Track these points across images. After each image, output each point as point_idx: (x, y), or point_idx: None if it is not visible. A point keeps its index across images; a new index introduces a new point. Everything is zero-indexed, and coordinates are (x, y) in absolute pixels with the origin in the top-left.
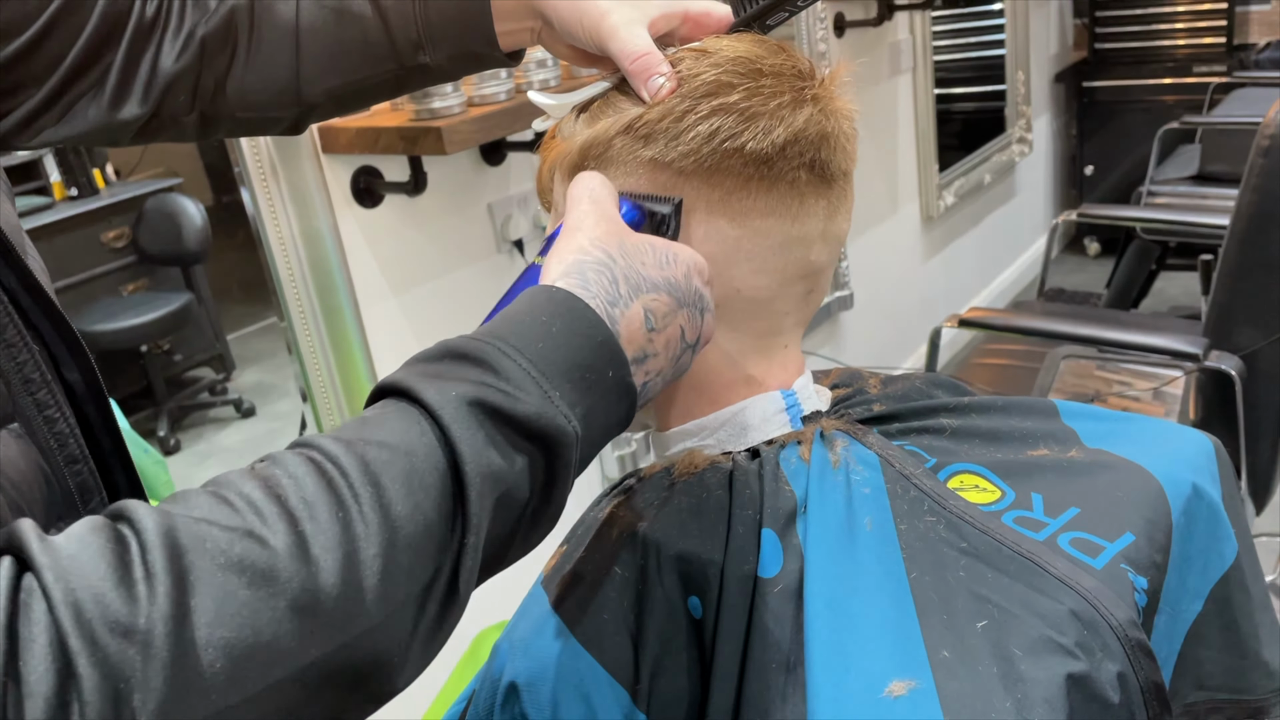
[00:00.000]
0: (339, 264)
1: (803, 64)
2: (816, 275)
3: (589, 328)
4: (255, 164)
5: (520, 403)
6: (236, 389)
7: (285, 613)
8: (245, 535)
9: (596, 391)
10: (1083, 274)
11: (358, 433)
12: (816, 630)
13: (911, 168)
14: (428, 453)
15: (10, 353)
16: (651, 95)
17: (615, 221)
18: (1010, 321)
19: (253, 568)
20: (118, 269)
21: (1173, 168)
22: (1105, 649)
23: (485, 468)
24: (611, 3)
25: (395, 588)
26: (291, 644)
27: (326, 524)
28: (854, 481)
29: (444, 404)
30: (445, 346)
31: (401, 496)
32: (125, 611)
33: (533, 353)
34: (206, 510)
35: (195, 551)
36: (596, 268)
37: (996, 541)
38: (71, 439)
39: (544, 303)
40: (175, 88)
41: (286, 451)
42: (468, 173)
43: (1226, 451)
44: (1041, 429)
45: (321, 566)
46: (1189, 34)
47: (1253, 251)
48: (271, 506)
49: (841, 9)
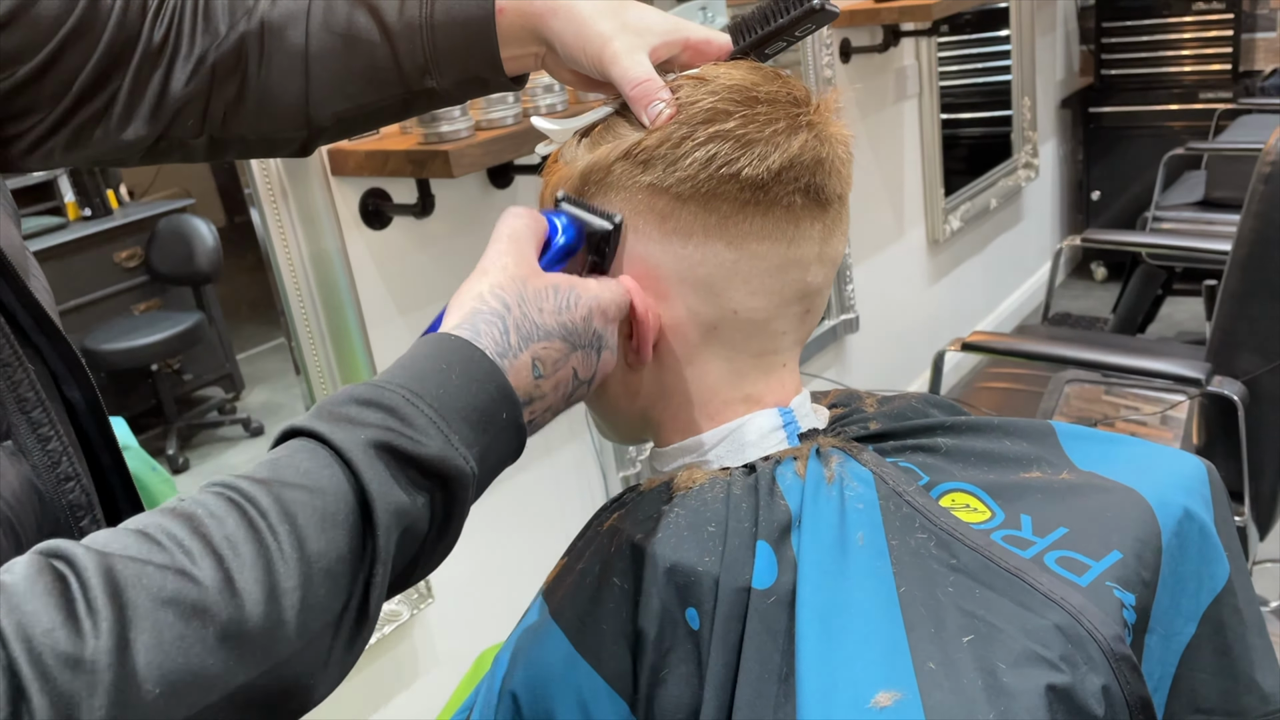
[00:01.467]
0: (347, 285)
1: (798, 91)
2: (813, 296)
3: (484, 375)
4: (265, 186)
5: (423, 446)
6: (245, 408)
7: (215, 644)
8: (177, 573)
9: (490, 432)
10: (1089, 299)
11: (272, 473)
12: (807, 641)
13: (917, 192)
14: (338, 492)
15: (5, 371)
16: (651, 120)
17: (524, 265)
18: (1013, 345)
19: (185, 603)
20: (130, 288)
21: (1178, 193)
22: (1090, 662)
23: (392, 505)
24: (614, 30)
25: (312, 617)
26: (221, 671)
27: (249, 561)
28: (848, 497)
29: (353, 446)
30: (351, 393)
31: (316, 534)
32: (72, 645)
33: (433, 398)
34: (138, 549)
35: (133, 588)
36: (489, 318)
37: (985, 558)
38: (64, 457)
39: (442, 351)
40: (185, 111)
41: (205, 493)
42: (475, 196)
43: (1230, 476)
44: (1035, 451)
45: (247, 600)
46: (1196, 60)
47: (1255, 277)
48: (198, 545)
49: (847, 35)
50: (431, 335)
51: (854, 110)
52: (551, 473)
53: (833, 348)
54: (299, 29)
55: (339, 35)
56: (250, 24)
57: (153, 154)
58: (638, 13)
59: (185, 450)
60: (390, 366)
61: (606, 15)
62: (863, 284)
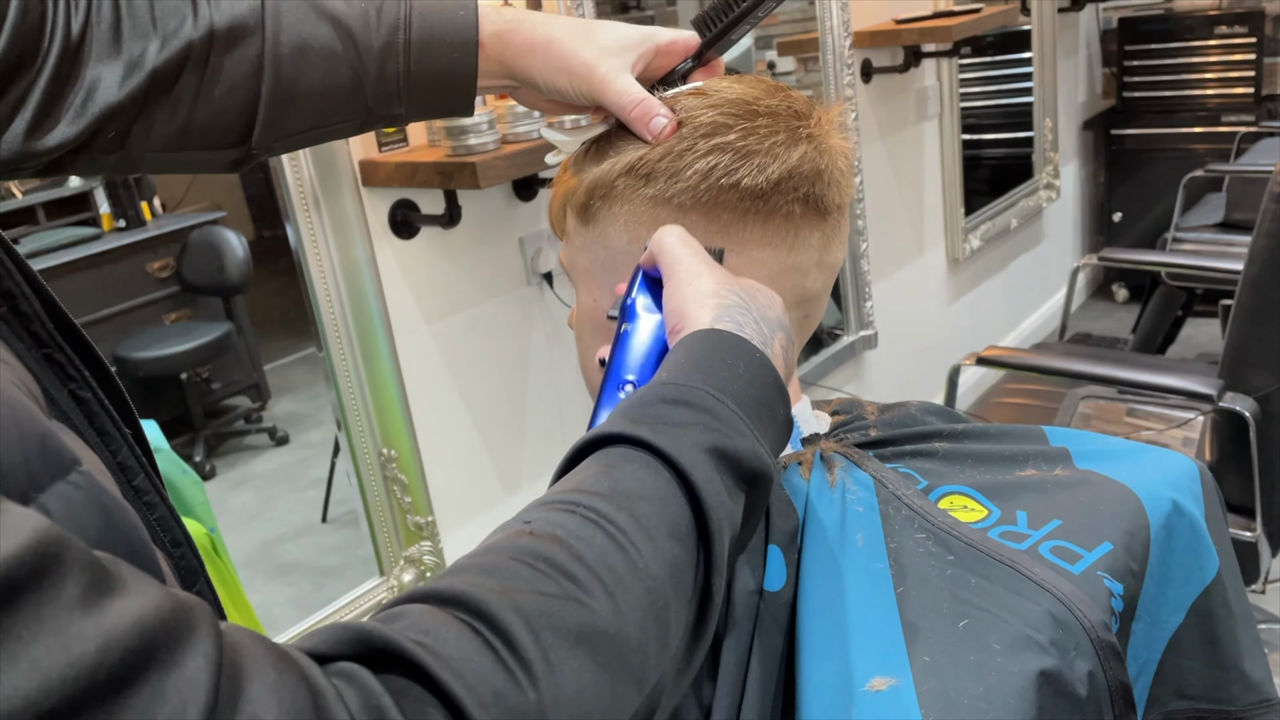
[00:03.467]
0: (375, 293)
1: (800, 104)
2: (812, 302)
3: (763, 368)
4: (299, 196)
5: (739, 445)
6: (271, 417)
7: (619, 673)
8: (576, 604)
9: (773, 428)
10: (1110, 319)
11: (612, 487)
12: (807, 634)
13: (938, 211)
14: (676, 501)
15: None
16: (654, 136)
17: (720, 266)
18: (1027, 360)
19: (591, 638)
20: (161, 298)
21: (1199, 215)
22: (1078, 648)
23: (723, 511)
24: (595, 56)
25: (675, 635)
26: (623, 700)
27: (628, 582)
28: (849, 501)
29: (681, 452)
30: (657, 394)
31: (669, 548)
32: (521, 703)
33: (732, 395)
34: (530, 581)
35: (548, 631)
36: (740, 310)
37: (981, 552)
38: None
39: (722, 347)
40: (112, 121)
41: (550, 511)
42: (501, 207)
43: (1242, 492)
44: (1031, 450)
45: (631, 624)
46: (1218, 84)
47: (1267, 296)
48: (582, 570)
49: (869, 56)
50: (702, 331)
51: (875, 130)
52: None
53: (851, 364)
54: (255, 40)
55: (303, 50)
56: (195, 30)
57: (58, 165)
58: (609, 32)
59: (212, 457)
60: (669, 365)
61: (584, 42)
62: (882, 301)
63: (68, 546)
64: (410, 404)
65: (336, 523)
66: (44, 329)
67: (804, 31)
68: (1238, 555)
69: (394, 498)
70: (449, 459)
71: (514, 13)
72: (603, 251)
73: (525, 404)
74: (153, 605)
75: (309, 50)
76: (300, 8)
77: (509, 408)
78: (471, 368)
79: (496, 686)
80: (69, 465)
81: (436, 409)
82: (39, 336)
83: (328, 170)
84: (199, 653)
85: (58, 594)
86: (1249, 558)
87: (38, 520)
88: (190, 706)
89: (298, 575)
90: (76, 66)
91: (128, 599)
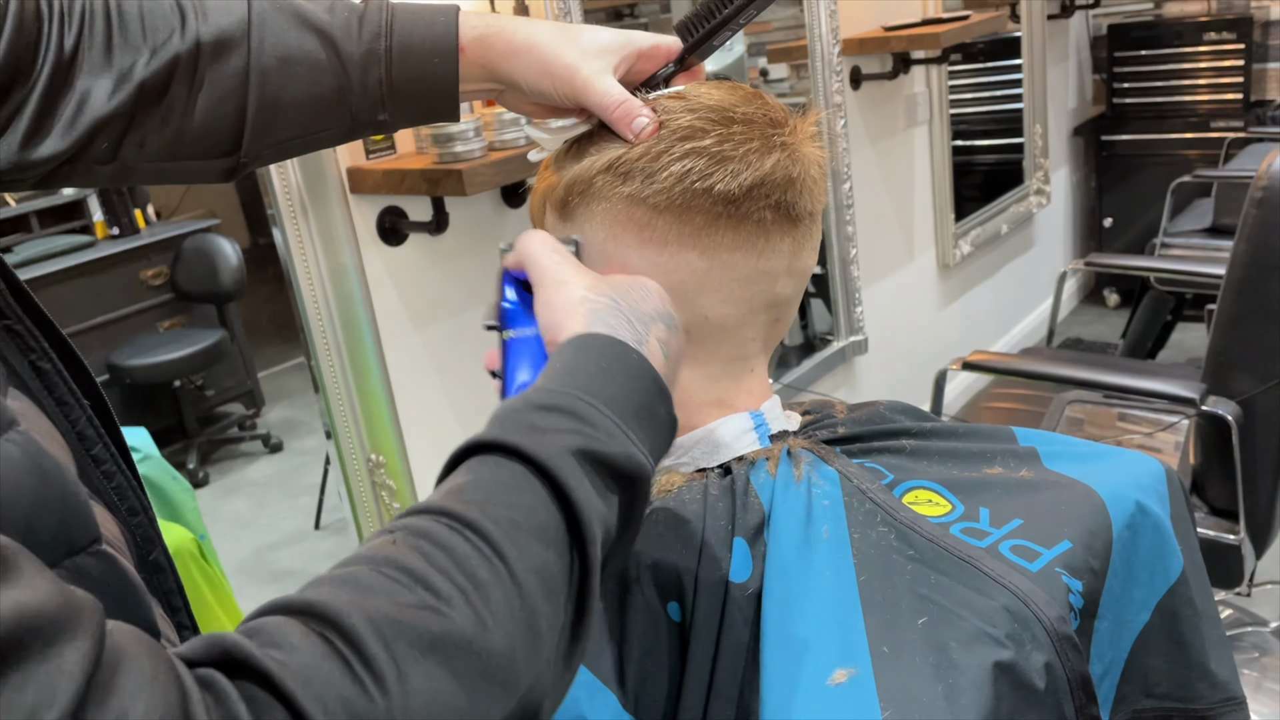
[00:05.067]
0: (363, 299)
1: (776, 112)
2: (782, 306)
3: (639, 369)
4: (286, 203)
5: (610, 447)
6: (265, 424)
7: (477, 685)
8: (432, 612)
9: (653, 428)
10: (1101, 324)
11: (481, 494)
12: (771, 625)
13: (928, 216)
14: (546, 506)
15: (64, 410)
16: (636, 135)
17: (585, 268)
18: (1012, 365)
19: (445, 646)
20: (155, 306)
21: (1188, 220)
22: (1034, 641)
23: (596, 513)
24: (577, 58)
25: (547, 641)
26: (484, 707)
27: (490, 591)
28: (814, 495)
29: (551, 456)
30: (528, 400)
31: (538, 553)
32: (368, 709)
33: (605, 399)
34: (386, 590)
35: (400, 640)
36: (611, 311)
37: (940, 547)
38: (131, 492)
39: (595, 351)
40: (103, 131)
41: (421, 520)
42: (489, 213)
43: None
44: (998, 449)
45: (495, 633)
46: (1208, 90)
47: (1248, 300)
48: (440, 580)
49: (858, 63)
50: (575, 338)
51: (864, 136)
52: None
53: (841, 369)
54: (240, 51)
55: (288, 61)
56: (183, 43)
57: (55, 176)
58: (590, 35)
59: (205, 465)
60: (546, 373)
61: (566, 44)
62: (872, 306)
63: None
64: (398, 410)
65: (329, 529)
66: (3, 301)
67: (795, 38)
68: (1221, 558)
69: (382, 504)
70: (437, 465)
71: (496, 17)
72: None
73: None
74: (39, 598)
75: (292, 60)
76: (284, 19)
77: None
78: (460, 373)
79: (343, 693)
80: (6, 425)
81: (425, 415)
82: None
83: (315, 178)
84: (76, 647)
85: None
86: (1232, 560)
87: None
88: (60, 693)
89: (290, 582)
90: (69, 80)
91: (16, 589)
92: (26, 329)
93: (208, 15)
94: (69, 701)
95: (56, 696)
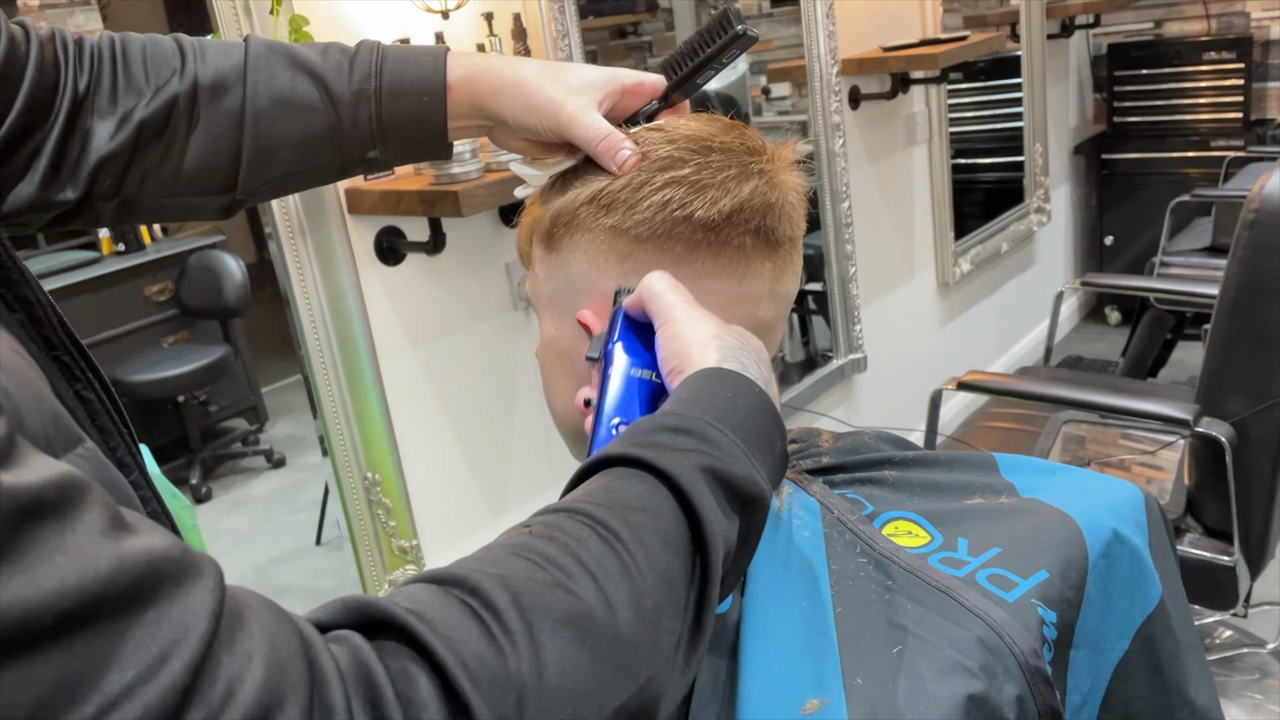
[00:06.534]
0: (360, 318)
1: (753, 142)
2: (765, 330)
3: (762, 403)
4: (284, 223)
5: (735, 469)
6: (268, 440)
7: (603, 662)
8: (565, 591)
9: (771, 457)
10: (1103, 342)
11: (611, 498)
12: (749, 654)
13: (927, 235)
14: (674, 515)
15: (105, 438)
16: (619, 167)
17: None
18: (1006, 385)
19: (577, 621)
20: (160, 321)
21: (1187, 239)
22: (1007, 673)
23: (719, 526)
24: (563, 94)
25: (668, 635)
26: (610, 688)
27: (617, 579)
28: (795, 525)
29: (679, 471)
30: (659, 423)
31: (661, 554)
32: (501, 666)
33: (730, 425)
34: (523, 569)
35: (536, 609)
36: (742, 352)
37: (918, 578)
38: (165, 520)
39: (725, 383)
40: (105, 170)
41: (553, 516)
42: (486, 233)
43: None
44: (979, 481)
45: (622, 618)
46: (1209, 109)
47: (1240, 322)
48: (572, 563)
49: (856, 83)
50: (708, 369)
51: (863, 155)
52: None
53: (840, 387)
54: (236, 93)
55: (281, 102)
56: (181, 84)
57: (66, 217)
58: (575, 73)
59: (208, 480)
60: (673, 400)
61: (551, 82)
62: (871, 325)
63: (91, 490)
64: (395, 428)
65: (330, 545)
66: (54, 333)
67: (796, 58)
68: (1216, 579)
69: (379, 522)
70: (433, 483)
71: (484, 57)
72: (563, 280)
73: (510, 428)
74: (165, 545)
75: (285, 101)
76: (278, 61)
77: (494, 432)
78: (456, 392)
79: (479, 650)
80: (77, 439)
81: (421, 433)
82: (50, 340)
83: (313, 198)
84: (205, 588)
85: (78, 523)
86: (1227, 582)
87: (66, 466)
88: (193, 630)
89: (291, 598)
90: (79, 122)
91: (143, 537)
92: (73, 359)
93: (206, 58)
94: (201, 638)
95: (189, 633)
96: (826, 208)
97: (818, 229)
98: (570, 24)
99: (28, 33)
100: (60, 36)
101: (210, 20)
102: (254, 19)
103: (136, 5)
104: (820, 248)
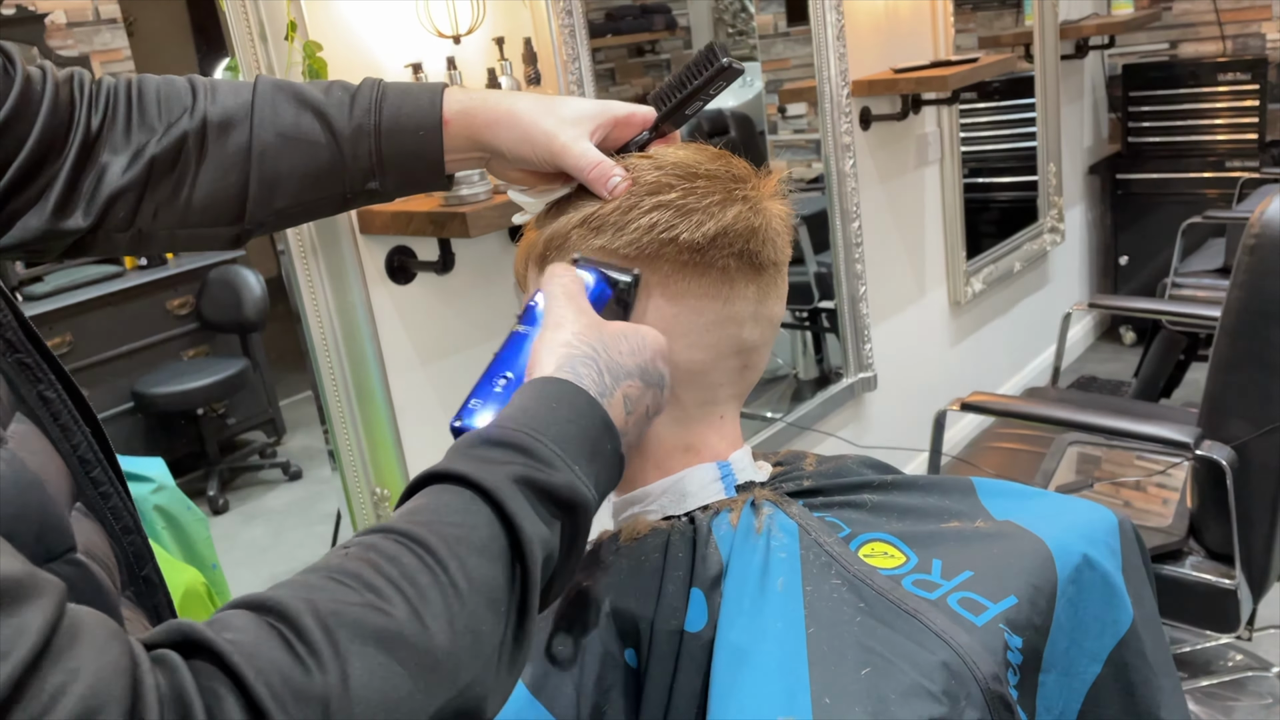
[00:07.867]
0: (370, 336)
1: (739, 169)
2: (750, 352)
3: (588, 410)
4: (297, 242)
5: (553, 478)
6: (285, 453)
7: (416, 673)
8: (374, 609)
9: (599, 462)
10: (1117, 363)
11: (428, 515)
12: (721, 673)
13: (939, 254)
14: (490, 527)
15: (66, 435)
16: (610, 192)
17: (590, 314)
18: (1009, 407)
19: (385, 635)
20: (180, 335)
21: (1200, 260)
22: (969, 697)
23: (537, 535)
24: (556, 125)
25: (486, 644)
26: (422, 700)
27: (430, 595)
28: (773, 546)
29: (497, 483)
30: (480, 436)
31: (477, 567)
32: (305, 682)
33: (552, 435)
34: (334, 592)
35: (342, 628)
36: (585, 361)
37: (889, 601)
38: (125, 512)
39: (549, 393)
40: (119, 203)
41: (371, 537)
42: (495, 253)
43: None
44: (956, 505)
45: (434, 631)
46: (1225, 130)
47: (1241, 346)
48: (384, 583)
49: (867, 104)
50: (536, 380)
51: (874, 175)
52: None
53: (850, 405)
54: (243, 129)
55: (285, 137)
56: (191, 122)
57: (79, 246)
58: (568, 105)
59: (225, 492)
60: (503, 413)
61: (545, 114)
62: (882, 344)
63: None
64: (404, 444)
65: None
66: (16, 336)
67: (810, 78)
68: (1218, 603)
69: None
70: None
71: (481, 92)
72: None
73: None
74: (6, 568)
75: (290, 136)
76: (284, 100)
77: None
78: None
79: (283, 669)
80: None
81: (430, 449)
82: (12, 343)
83: (326, 218)
84: (39, 609)
85: None
86: (1228, 605)
87: None
88: (19, 646)
89: None
90: (93, 157)
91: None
92: (35, 361)
93: (217, 97)
94: (26, 654)
95: (16, 648)
96: (836, 227)
97: (828, 249)
98: (581, 48)
99: (45, 74)
100: (78, 78)
101: (227, 46)
102: (270, 44)
103: (161, 25)
104: (830, 265)
